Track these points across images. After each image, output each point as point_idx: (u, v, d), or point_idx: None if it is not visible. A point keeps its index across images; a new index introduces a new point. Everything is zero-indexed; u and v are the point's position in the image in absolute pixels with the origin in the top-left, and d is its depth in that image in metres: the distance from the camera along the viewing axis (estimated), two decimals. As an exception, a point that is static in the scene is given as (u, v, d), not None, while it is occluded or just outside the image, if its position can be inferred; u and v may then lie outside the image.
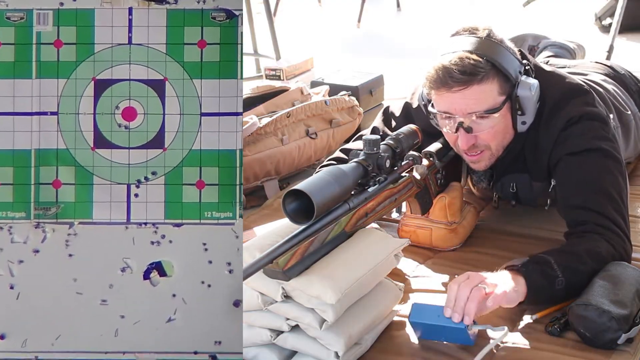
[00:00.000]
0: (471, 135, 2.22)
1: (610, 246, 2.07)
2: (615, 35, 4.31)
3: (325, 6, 6.81)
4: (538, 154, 2.30)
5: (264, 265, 1.71)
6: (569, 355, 1.86)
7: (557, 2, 6.03)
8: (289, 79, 3.95)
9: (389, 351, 1.93)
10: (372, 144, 2.05)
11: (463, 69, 2.12)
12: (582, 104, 2.26)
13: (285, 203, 1.82)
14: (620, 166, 2.23)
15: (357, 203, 1.97)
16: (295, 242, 1.78)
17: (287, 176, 3.13)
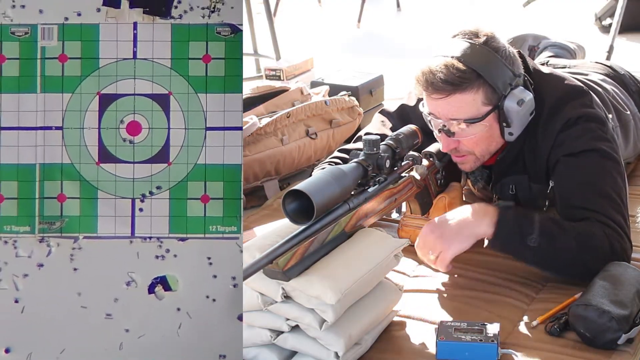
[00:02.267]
0: (452, 140, 2.23)
1: (605, 237, 2.07)
2: (615, 36, 4.31)
3: (325, 6, 6.80)
4: (536, 156, 2.30)
5: (263, 266, 1.71)
6: (569, 355, 1.87)
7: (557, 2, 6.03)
8: (289, 79, 3.95)
9: (389, 351, 1.93)
10: (372, 144, 2.05)
11: (446, 77, 2.12)
12: (579, 106, 2.26)
13: (285, 203, 1.82)
14: (619, 166, 2.23)
15: (357, 203, 1.97)
16: (295, 243, 1.78)
17: (287, 176, 3.13)
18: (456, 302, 2.11)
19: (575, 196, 2.19)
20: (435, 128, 2.25)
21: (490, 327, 1.89)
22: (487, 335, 1.86)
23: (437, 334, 1.88)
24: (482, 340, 1.84)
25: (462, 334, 1.86)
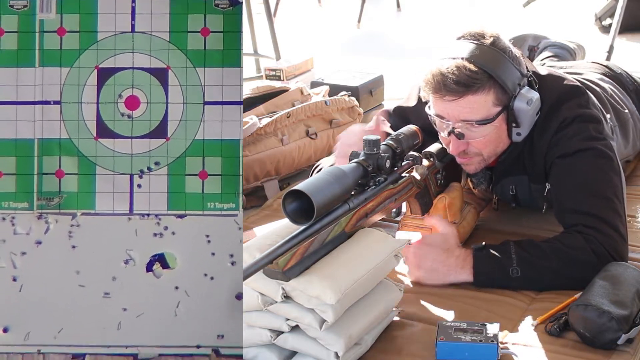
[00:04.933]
0: (462, 142, 2.22)
1: (587, 246, 2.08)
2: (615, 36, 4.30)
3: (325, 6, 6.81)
4: (535, 157, 2.29)
5: (264, 266, 1.70)
6: (569, 355, 1.86)
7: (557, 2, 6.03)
8: (289, 79, 3.94)
9: (389, 351, 1.92)
10: (372, 144, 2.04)
11: (458, 79, 2.11)
12: (575, 106, 2.26)
13: (285, 203, 1.81)
14: (614, 164, 2.22)
15: (357, 203, 1.96)
16: (295, 243, 1.76)
17: (287, 176, 3.12)
18: (456, 302, 2.09)
19: (568, 199, 2.19)
20: (443, 130, 2.24)
21: (490, 327, 1.88)
22: (487, 335, 1.85)
23: (437, 334, 1.87)
24: (482, 340, 1.83)
25: (462, 334, 1.85)
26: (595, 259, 2.07)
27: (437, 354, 1.85)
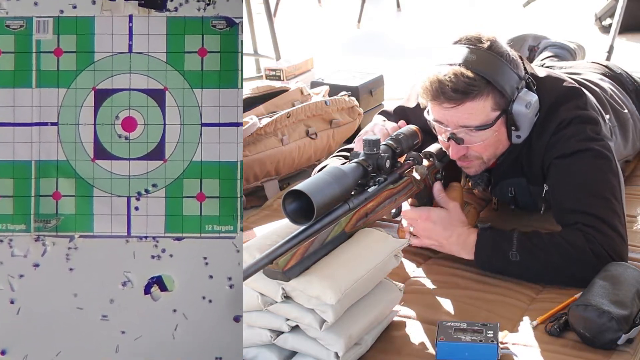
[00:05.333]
0: (462, 147, 2.22)
1: (586, 244, 2.09)
2: (615, 36, 4.29)
3: (325, 6, 6.80)
4: (533, 158, 2.29)
5: (264, 266, 1.70)
6: (569, 355, 1.86)
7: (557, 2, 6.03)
8: (289, 79, 3.93)
9: (389, 351, 1.92)
10: (372, 144, 2.04)
11: (456, 86, 2.10)
12: (573, 108, 2.25)
13: (285, 203, 1.81)
14: (612, 164, 2.22)
15: (357, 203, 1.96)
16: (295, 243, 1.77)
17: (287, 176, 3.12)
18: (456, 302, 2.10)
19: (567, 199, 2.19)
20: (442, 134, 2.25)
21: (490, 327, 1.88)
22: (487, 335, 1.85)
23: (437, 334, 1.87)
24: (481, 340, 1.84)
25: (461, 334, 1.86)
26: (594, 258, 2.08)
27: (437, 354, 1.85)
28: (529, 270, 2.14)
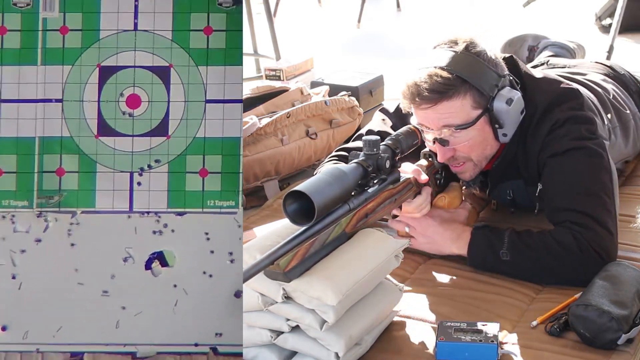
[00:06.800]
0: (448, 148, 2.23)
1: (575, 243, 2.10)
2: (615, 35, 4.30)
3: (325, 6, 6.80)
4: (529, 159, 2.30)
5: (265, 267, 1.70)
6: (569, 356, 1.86)
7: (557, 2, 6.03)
8: (289, 79, 3.94)
9: (389, 351, 1.92)
10: (372, 144, 2.04)
11: (431, 87, 2.12)
12: (568, 109, 2.26)
13: (285, 204, 1.81)
14: (604, 162, 2.23)
15: (357, 204, 1.96)
16: (296, 243, 1.77)
17: (287, 176, 3.12)
18: (456, 302, 2.10)
19: (558, 197, 2.20)
20: (427, 138, 2.26)
21: (490, 327, 1.89)
22: (486, 335, 1.86)
23: (437, 334, 1.88)
24: (481, 340, 1.84)
25: (461, 334, 1.86)
26: (582, 256, 2.09)
27: (437, 354, 1.85)
28: (519, 270, 2.16)
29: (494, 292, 2.13)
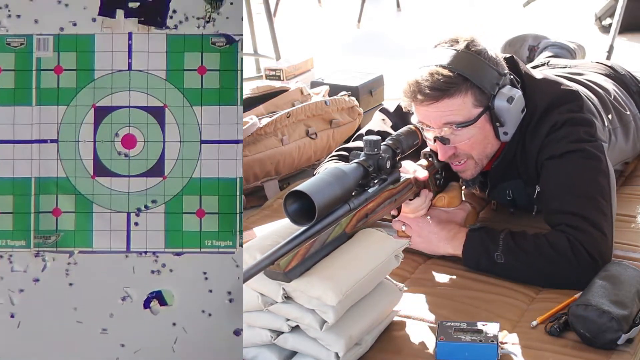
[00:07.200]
0: (449, 147, 2.24)
1: (569, 247, 2.11)
2: (615, 36, 4.30)
3: (325, 6, 6.80)
4: (527, 161, 2.31)
5: (265, 267, 1.71)
6: (569, 355, 1.87)
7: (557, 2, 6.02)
8: (289, 79, 3.94)
9: (389, 351, 1.94)
10: (372, 144, 2.05)
11: (432, 84, 2.14)
12: (567, 111, 2.27)
13: (286, 204, 1.82)
14: (602, 165, 2.23)
15: (357, 204, 1.97)
16: (296, 244, 1.78)
17: (287, 176, 3.13)
18: (456, 302, 2.12)
19: (555, 200, 2.21)
20: (428, 136, 2.27)
21: (490, 327, 1.90)
22: (486, 335, 1.87)
23: (437, 334, 1.89)
24: (481, 340, 1.85)
25: (461, 334, 1.87)
26: (575, 261, 2.10)
27: (437, 354, 1.87)
28: (513, 272, 2.17)
29: (494, 292, 2.14)
